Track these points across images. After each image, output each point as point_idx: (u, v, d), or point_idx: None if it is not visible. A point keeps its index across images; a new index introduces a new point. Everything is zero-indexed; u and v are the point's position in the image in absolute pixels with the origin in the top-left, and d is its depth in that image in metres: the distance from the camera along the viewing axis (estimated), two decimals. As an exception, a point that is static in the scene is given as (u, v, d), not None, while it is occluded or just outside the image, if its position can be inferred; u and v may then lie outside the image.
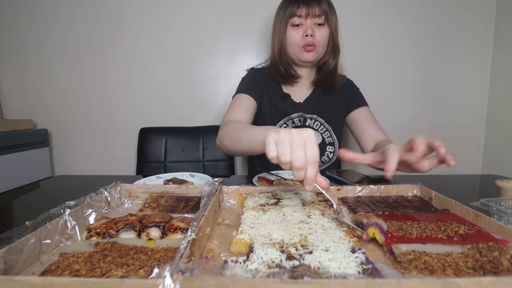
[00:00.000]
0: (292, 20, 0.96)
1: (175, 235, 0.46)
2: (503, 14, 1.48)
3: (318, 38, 0.96)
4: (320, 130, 1.06)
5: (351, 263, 0.35)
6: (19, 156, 1.37)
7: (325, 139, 1.06)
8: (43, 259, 0.41)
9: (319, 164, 0.58)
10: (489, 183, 0.92)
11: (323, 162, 1.08)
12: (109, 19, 1.50)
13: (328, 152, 1.07)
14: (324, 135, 1.06)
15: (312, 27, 0.95)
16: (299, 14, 0.95)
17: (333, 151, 1.07)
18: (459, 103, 1.58)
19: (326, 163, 1.08)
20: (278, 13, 1.01)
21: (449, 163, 0.54)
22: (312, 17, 0.95)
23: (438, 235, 0.44)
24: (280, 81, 1.07)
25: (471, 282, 0.28)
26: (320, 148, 1.03)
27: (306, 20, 0.95)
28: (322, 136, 1.05)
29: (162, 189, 0.68)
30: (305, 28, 0.95)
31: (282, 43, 0.99)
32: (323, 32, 0.96)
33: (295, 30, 0.97)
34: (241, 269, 0.30)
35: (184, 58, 1.53)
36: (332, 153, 1.07)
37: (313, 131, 0.49)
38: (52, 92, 1.56)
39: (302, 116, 1.05)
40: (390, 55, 1.54)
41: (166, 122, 1.55)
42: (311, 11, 0.94)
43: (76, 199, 0.53)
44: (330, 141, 1.07)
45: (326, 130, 1.06)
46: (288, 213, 0.53)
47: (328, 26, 0.97)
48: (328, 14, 0.95)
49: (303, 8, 0.94)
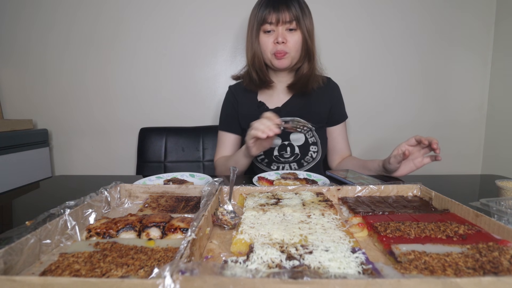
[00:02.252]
0: (264, 27, 0.95)
1: (175, 235, 0.46)
2: (503, 14, 1.48)
3: (290, 44, 0.95)
4: (303, 130, 1.06)
5: (351, 263, 0.35)
6: (19, 156, 1.37)
7: (308, 139, 1.06)
8: (43, 259, 0.41)
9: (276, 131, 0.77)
10: (489, 183, 0.92)
11: (306, 162, 1.07)
12: (109, 19, 1.50)
13: (312, 151, 1.06)
14: (307, 135, 1.06)
15: (283, 34, 0.94)
16: (270, 21, 0.93)
17: (317, 150, 1.07)
18: (459, 103, 1.58)
19: (310, 162, 1.08)
20: (250, 18, 1.00)
21: (438, 158, 0.80)
22: (283, 24, 0.93)
23: (438, 235, 0.44)
24: (253, 88, 1.07)
25: (471, 282, 0.28)
26: (304, 147, 1.06)
27: (277, 27, 0.94)
28: (305, 136, 1.06)
29: (162, 189, 0.68)
30: (276, 35, 0.94)
31: (255, 49, 0.99)
32: (295, 37, 0.95)
33: (267, 36, 0.96)
34: (241, 269, 0.30)
35: (184, 58, 1.53)
36: (316, 152, 1.07)
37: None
38: (52, 92, 1.56)
39: (282, 120, 1.05)
40: (390, 55, 1.54)
41: (166, 122, 1.55)
42: (281, 18, 0.92)
43: (76, 199, 0.53)
44: (313, 141, 1.07)
45: (309, 130, 1.06)
46: (288, 213, 0.53)
47: (301, 30, 0.95)
48: (300, 18, 0.93)
49: (273, 15, 0.93)
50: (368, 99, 1.08)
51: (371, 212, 0.54)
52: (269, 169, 1.08)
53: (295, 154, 1.05)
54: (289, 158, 1.06)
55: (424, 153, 0.84)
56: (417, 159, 0.85)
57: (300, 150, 1.05)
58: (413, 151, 0.84)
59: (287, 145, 1.05)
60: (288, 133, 1.05)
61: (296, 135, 1.05)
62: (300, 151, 1.05)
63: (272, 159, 1.06)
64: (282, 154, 1.05)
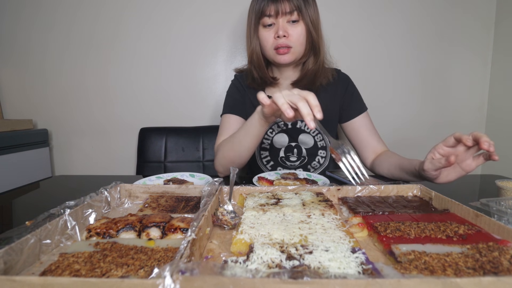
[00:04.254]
0: (263, 20, 0.87)
1: (175, 235, 0.46)
2: (503, 14, 1.48)
3: (293, 38, 0.87)
4: (312, 132, 1.00)
5: (351, 263, 0.35)
6: (19, 156, 1.37)
7: (317, 143, 1.00)
8: (43, 259, 0.41)
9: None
10: (489, 183, 0.92)
11: (313, 167, 1.02)
12: (109, 19, 1.50)
13: (320, 156, 1.01)
14: (316, 138, 1.00)
15: (284, 26, 0.86)
16: (268, 14, 0.85)
17: (325, 155, 1.01)
18: (459, 103, 1.58)
19: (317, 168, 1.02)
20: (248, 12, 0.91)
21: (494, 158, 0.58)
22: (283, 15, 0.85)
23: (438, 235, 0.44)
24: (256, 87, 0.99)
25: (471, 282, 0.28)
26: (312, 152, 1.00)
27: (277, 19, 0.85)
28: (314, 139, 1.00)
29: (162, 189, 0.68)
30: (276, 28, 0.86)
31: (254, 46, 0.91)
32: (298, 29, 0.86)
33: (267, 30, 0.88)
34: (241, 269, 0.30)
35: (184, 58, 1.53)
36: (324, 158, 1.01)
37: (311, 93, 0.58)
38: (52, 92, 1.56)
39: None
40: (390, 55, 1.54)
41: (166, 122, 1.55)
42: (281, 8, 0.83)
43: (76, 199, 0.53)
44: (323, 145, 1.01)
45: (318, 133, 1.00)
46: (288, 213, 0.53)
47: (304, 22, 0.86)
48: (302, 8, 0.84)
49: (271, 6, 0.84)
50: (368, 100, 1.08)
51: (371, 212, 0.54)
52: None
53: (302, 157, 0.99)
54: (295, 162, 1.00)
55: (473, 153, 0.65)
56: (464, 162, 0.65)
57: (307, 154, 0.99)
58: (456, 153, 0.66)
59: (294, 147, 0.99)
60: (297, 134, 1.00)
61: (305, 137, 0.99)
62: (307, 154, 0.99)
63: (278, 161, 1.01)
64: (288, 156, 1.00)
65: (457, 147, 0.66)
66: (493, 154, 0.58)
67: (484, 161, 0.63)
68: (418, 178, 0.75)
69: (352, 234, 0.46)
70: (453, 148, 0.66)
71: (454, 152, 0.66)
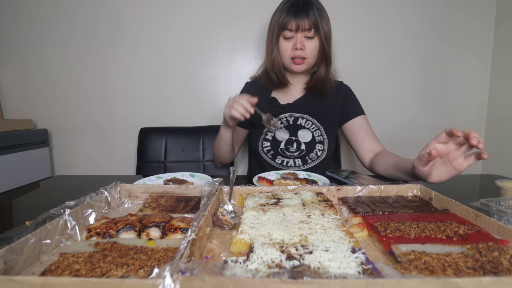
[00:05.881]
0: (284, 33, 1.00)
1: (175, 235, 0.46)
2: (503, 14, 1.48)
3: (308, 51, 1.00)
4: (312, 128, 1.09)
5: (351, 263, 0.35)
6: (19, 156, 1.37)
7: (315, 137, 1.09)
8: (43, 259, 0.41)
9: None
10: (489, 183, 0.92)
11: (311, 159, 1.10)
12: (109, 19, 1.50)
13: (317, 149, 1.09)
14: (315, 133, 1.09)
15: (302, 40, 0.99)
16: (290, 28, 0.97)
17: (323, 148, 1.10)
18: (459, 103, 1.58)
19: (315, 160, 1.10)
20: (271, 24, 1.04)
21: (483, 156, 0.58)
22: (302, 31, 0.97)
23: (438, 235, 0.44)
24: (270, 87, 1.13)
25: (471, 282, 0.28)
26: (310, 145, 1.09)
27: (296, 34, 0.98)
28: (312, 134, 1.09)
29: (162, 189, 0.68)
30: (295, 41, 0.99)
31: (275, 54, 1.04)
32: (312, 44, 1.00)
33: (286, 42, 1.01)
34: (241, 269, 0.30)
35: (184, 58, 1.53)
36: (321, 151, 1.10)
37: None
38: (52, 92, 1.56)
39: (291, 116, 1.08)
40: (390, 55, 1.54)
41: (166, 122, 1.55)
42: (301, 25, 0.96)
43: (76, 199, 0.53)
44: (320, 140, 1.10)
45: (318, 128, 1.09)
46: (288, 213, 0.53)
47: (318, 37, 1.00)
48: (318, 25, 0.97)
49: (293, 22, 0.96)
50: (368, 100, 1.09)
51: (371, 212, 0.54)
52: (274, 161, 1.11)
53: (300, 149, 1.09)
54: (294, 153, 1.09)
55: (465, 151, 0.65)
56: (456, 161, 0.66)
57: (306, 147, 1.08)
58: (447, 150, 0.66)
59: (294, 141, 1.09)
60: (297, 129, 1.09)
61: (304, 132, 1.08)
62: (306, 147, 1.08)
63: (278, 152, 1.10)
64: (288, 148, 1.09)
65: (448, 144, 0.66)
66: (482, 152, 0.59)
67: (475, 161, 0.63)
68: (413, 177, 0.77)
69: (352, 234, 0.46)
70: (445, 144, 0.66)
71: (446, 149, 0.66)
